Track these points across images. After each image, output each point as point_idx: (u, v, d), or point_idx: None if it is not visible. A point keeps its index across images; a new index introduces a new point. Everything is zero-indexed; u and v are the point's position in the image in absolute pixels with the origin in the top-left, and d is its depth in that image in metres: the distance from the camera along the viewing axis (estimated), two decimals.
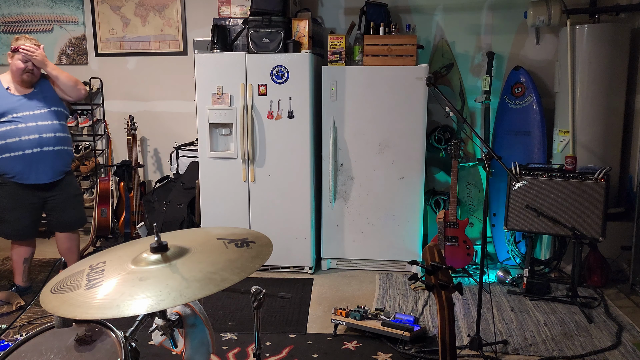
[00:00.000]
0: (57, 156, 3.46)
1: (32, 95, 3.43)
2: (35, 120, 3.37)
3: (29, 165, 3.37)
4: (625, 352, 2.87)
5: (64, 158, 3.53)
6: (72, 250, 3.72)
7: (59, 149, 3.47)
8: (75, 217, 3.67)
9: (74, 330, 1.58)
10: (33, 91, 3.44)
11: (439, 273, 1.51)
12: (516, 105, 4.22)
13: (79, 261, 1.77)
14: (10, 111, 3.33)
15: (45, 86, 3.51)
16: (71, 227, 3.68)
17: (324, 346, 2.96)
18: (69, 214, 3.62)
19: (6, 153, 3.33)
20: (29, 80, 3.41)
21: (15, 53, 3.38)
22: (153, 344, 1.81)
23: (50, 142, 3.41)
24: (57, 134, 3.45)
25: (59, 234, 3.68)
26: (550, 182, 3.55)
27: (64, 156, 3.53)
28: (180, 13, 4.80)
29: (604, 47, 3.83)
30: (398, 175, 4.00)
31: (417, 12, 4.48)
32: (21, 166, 3.35)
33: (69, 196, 3.60)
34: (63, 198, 3.57)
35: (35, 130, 3.36)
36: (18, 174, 3.37)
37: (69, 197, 3.61)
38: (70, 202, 3.61)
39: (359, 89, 3.93)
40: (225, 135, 4.05)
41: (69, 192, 3.61)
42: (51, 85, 3.53)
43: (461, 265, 3.92)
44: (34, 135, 3.36)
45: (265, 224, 4.02)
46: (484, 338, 2.89)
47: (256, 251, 1.66)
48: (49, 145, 3.40)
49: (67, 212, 3.61)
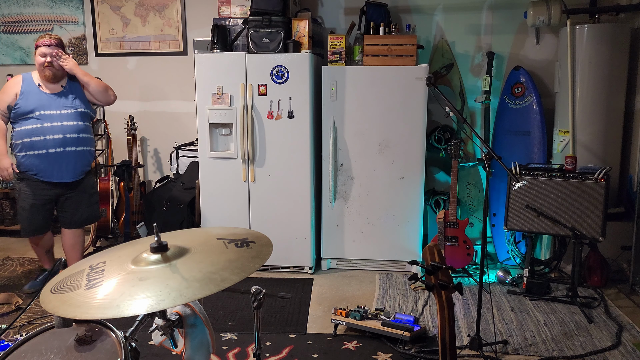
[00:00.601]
0: (79, 156, 3.57)
1: (61, 94, 3.53)
2: (61, 120, 3.47)
3: (52, 164, 3.48)
4: (625, 352, 2.87)
5: (86, 158, 3.63)
6: (75, 247, 3.77)
7: (81, 150, 3.57)
8: (86, 215, 3.73)
9: (74, 330, 1.58)
10: (62, 90, 3.54)
11: (439, 273, 1.51)
12: (516, 105, 4.22)
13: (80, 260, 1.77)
14: (39, 108, 3.45)
15: (74, 86, 3.60)
16: (81, 225, 3.75)
17: (324, 346, 2.96)
18: (81, 212, 3.70)
19: (31, 151, 3.45)
20: (52, 74, 3.49)
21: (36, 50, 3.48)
22: (153, 344, 1.81)
23: (73, 143, 3.52)
24: (80, 135, 3.55)
25: (66, 231, 3.74)
26: (550, 182, 3.55)
27: (86, 156, 3.63)
28: (180, 13, 4.80)
29: (604, 47, 3.83)
30: (398, 175, 4.00)
31: (417, 12, 4.48)
32: (44, 165, 3.47)
33: (84, 195, 3.68)
34: (79, 196, 3.66)
35: (59, 130, 3.47)
36: (41, 172, 3.49)
37: (85, 196, 3.69)
38: (85, 201, 3.69)
39: (359, 89, 3.93)
40: (225, 135, 4.05)
41: (86, 191, 3.69)
42: (80, 87, 3.62)
43: (461, 265, 3.92)
44: (58, 135, 3.46)
45: (265, 224, 4.02)
46: (484, 338, 2.89)
47: (256, 251, 1.66)
48: (71, 145, 3.51)
49: (81, 210, 3.69)
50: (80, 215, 3.70)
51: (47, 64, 3.45)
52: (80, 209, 3.68)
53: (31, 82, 3.49)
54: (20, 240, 5.02)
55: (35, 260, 4.43)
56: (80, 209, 3.68)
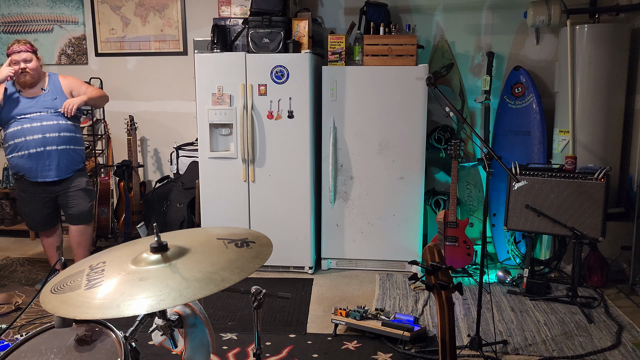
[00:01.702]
0: (62, 155, 3.58)
1: (42, 97, 3.58)
2: (40, 120, 3.52)
3: (35, 163, 3.53)
4: (625, 352, 2.87)
5: (71, 156, 3.64)
6: (81, 244, 3.81)
7: (64, 148, 3.59)
8: (80, 209, 3.73)
9: (74, 330, 1.58)
10: (43, 93, 3.59)
11: (439, 273, 1.51)
12: (516, 105, 4.22)
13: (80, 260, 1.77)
14: (20, 112, 3.52)
15: (55, 87, 3.64)
16: (79, 220, 3.76)
17: (324, 346, 2.96)
18: (75, 207, 3.71)
19: (16, 152, 3.53)
20: (30, 80, 3.53)
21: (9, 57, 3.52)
22: (153, 344, 1.81)
23: (54, 142, 3.54)
24: (61, 134, 3.57)
25: (72, 227, 3.79)
26: (550, 182, 3.55)
27: (71, 154, 3.64)
28: (180, 13, 4.80)
29: (604, 47, 3.83)
30: (398, 175, 4.00)
31: (417, 12, 4.48)
32: (28, 165, 3.53)
33: (77, 190, 3.70)
34: (71, 193, 3.68)
35: (39, 130, 3.51)
36: (27, 172, 3.56)
37: (77, 191, 3.70)
38: (77, 195, 3.71)
39: (359, 89, 3.93)
40: (225, 135, 4.05)
41: (77, 187, 3.71)
42: (61, 87, 3.65)
43: (461, 265, 3.92)
44: (38, 135, 3.51)
45: (265, 224, 4.02)
46: (484, 338, 2.89)
47: (256, 251, 1.66)
48: (52, 144, 3.54)
49: (74, 205, 3.71)
50: (75, 210, 3.71)
51: (21, 70, 3.48)
52: (74, 203, 3.70)
53: (12, 89, 3.56)
54: (21, 240, 5.02)
55: (35, 260, 4.44)
56: (74, 204, 3.70)
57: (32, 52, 3.54)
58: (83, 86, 3.76)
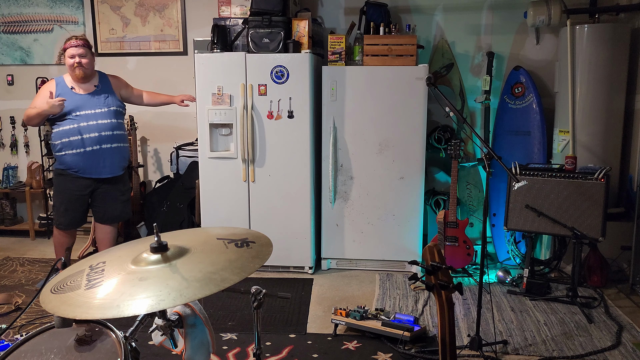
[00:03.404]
0: (115, 152, 3.65)
1: (94, 94, 3.62)
2: (96, 119, 3.57)
3: (91, 161, 3.57)
4: (625, 352, 2.87)
5: (122, 154, 3.72)
6: (103, 242, 3.81)
7: (117, 146, 3.65)
8: (117, 212, 3.76)
9: (74, 330, 1.58)
10: (95, 90, 3.63)
11: (439, 273, 1.51)
12: (516, 105, 4.22)
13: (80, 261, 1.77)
14: (75, 109, 3.53)
15: (106, 85, 3.70)
16: (112, 220, 3.78)
17: (324, 346, 2.96)
18: (113, 207, 3.73)
19: (69, 150, 3.54)
20: (83, 73, 3.56)
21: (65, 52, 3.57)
22: (153, 344, 1.81)
23: (108, 140, 3.60)
24: (114, 132, 3.63)
25: (99, 225, 3.80)
26: (550, 182, 3.55)
27: (122, 152, 3.71)
28: (180, 13, 4.80)
29: (604, 47, 3.83)
30: (398, 175, 4.00)
31: (417, 12, 4.48)
32: (83, 162, 3.57)
33: (118, 190, 3.73)
34: (112, 191, 3.70)
35: (95, 128, 3.56)
36: (81, 169, 3.58)
37: (118, 191, 3.73)
38: (117, 196, 3.73)
39: (359, 89, 3.93)
40: (225, 135, 4.05)
41: (119, 187, 3.74)
42: (111, 86, 3.71)
43: (461, 265, 3.92)
44: (94, 134, 3.56)
45: (265, 224, 4.02)
46: (484, 338, 2.89)
47: (256, 251, 1.66)
48: (107, 142, 3.60)
49: (112, 205, 3.73)
50: (112, 211, 3.73)
51: (76, 64, 3.52)
52: (112, 203, 3.72)
53: (64, 85, 3.58)
54: (21, 240, 5.02)
55: (36, 259, 4.44)
56: (113, 204, 3.72)
57: (87, 47, 3.59)
58: (129, 86, 3.87)
